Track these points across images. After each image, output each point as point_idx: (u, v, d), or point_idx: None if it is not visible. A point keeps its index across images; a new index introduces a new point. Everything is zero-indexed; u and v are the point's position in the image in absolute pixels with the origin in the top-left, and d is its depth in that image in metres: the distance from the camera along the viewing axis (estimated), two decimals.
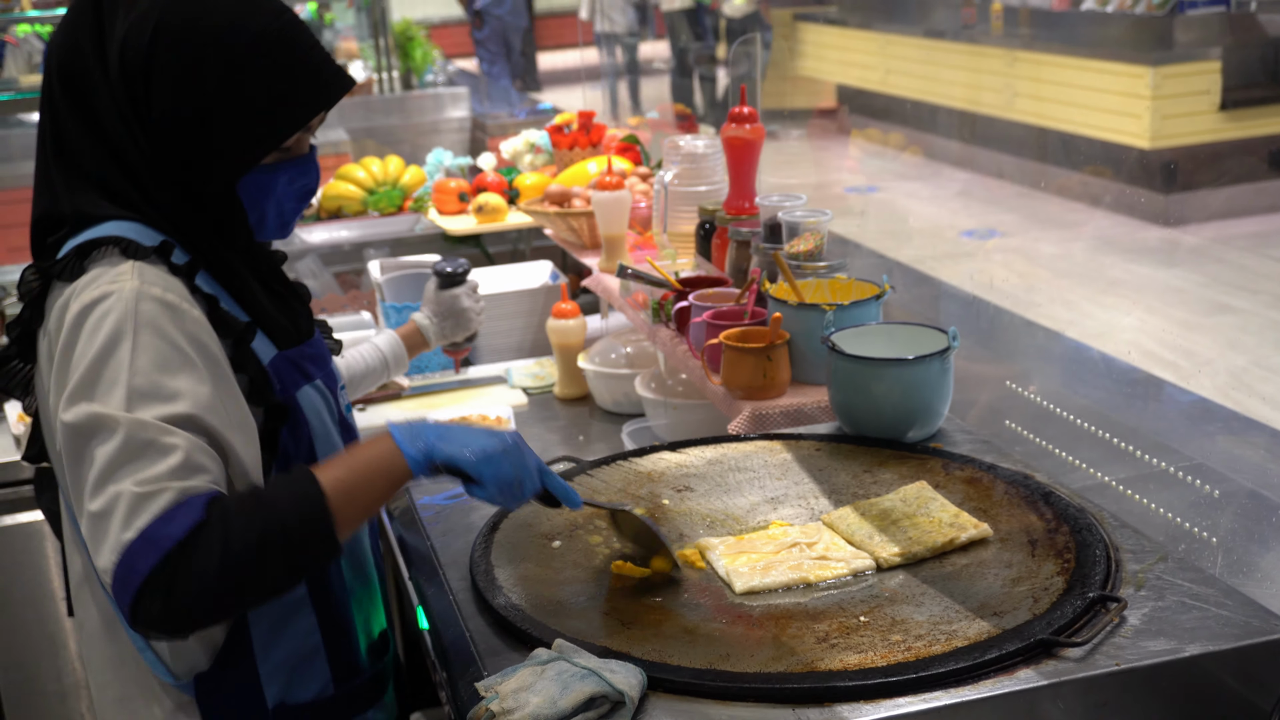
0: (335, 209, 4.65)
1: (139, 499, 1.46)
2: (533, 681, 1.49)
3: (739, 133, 2.84)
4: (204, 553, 1.45)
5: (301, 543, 1.51)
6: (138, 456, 1.48)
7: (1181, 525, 2.08)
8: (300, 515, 1.52)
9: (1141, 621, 1.57)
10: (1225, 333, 5.99)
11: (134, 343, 1.52)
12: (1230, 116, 8.31)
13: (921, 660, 1.50)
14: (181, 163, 1.63)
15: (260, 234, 1.73)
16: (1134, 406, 2.55)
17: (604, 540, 1.90)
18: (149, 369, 1.52)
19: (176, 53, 1.59)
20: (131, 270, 1.57)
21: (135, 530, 1.44)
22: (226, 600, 1.49)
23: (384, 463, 1.60)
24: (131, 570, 1.44)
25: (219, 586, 1.46)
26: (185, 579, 1.44)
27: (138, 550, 1.44)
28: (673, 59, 12.61)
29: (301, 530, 1.51)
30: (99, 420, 1.49)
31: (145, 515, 1.45)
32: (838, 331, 2.24)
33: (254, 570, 1.48)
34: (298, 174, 1.70)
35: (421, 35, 7.52)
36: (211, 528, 1.47)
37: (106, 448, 1.48)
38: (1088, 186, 8.12)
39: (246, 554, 1.47)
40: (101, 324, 1.53)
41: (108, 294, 1.55)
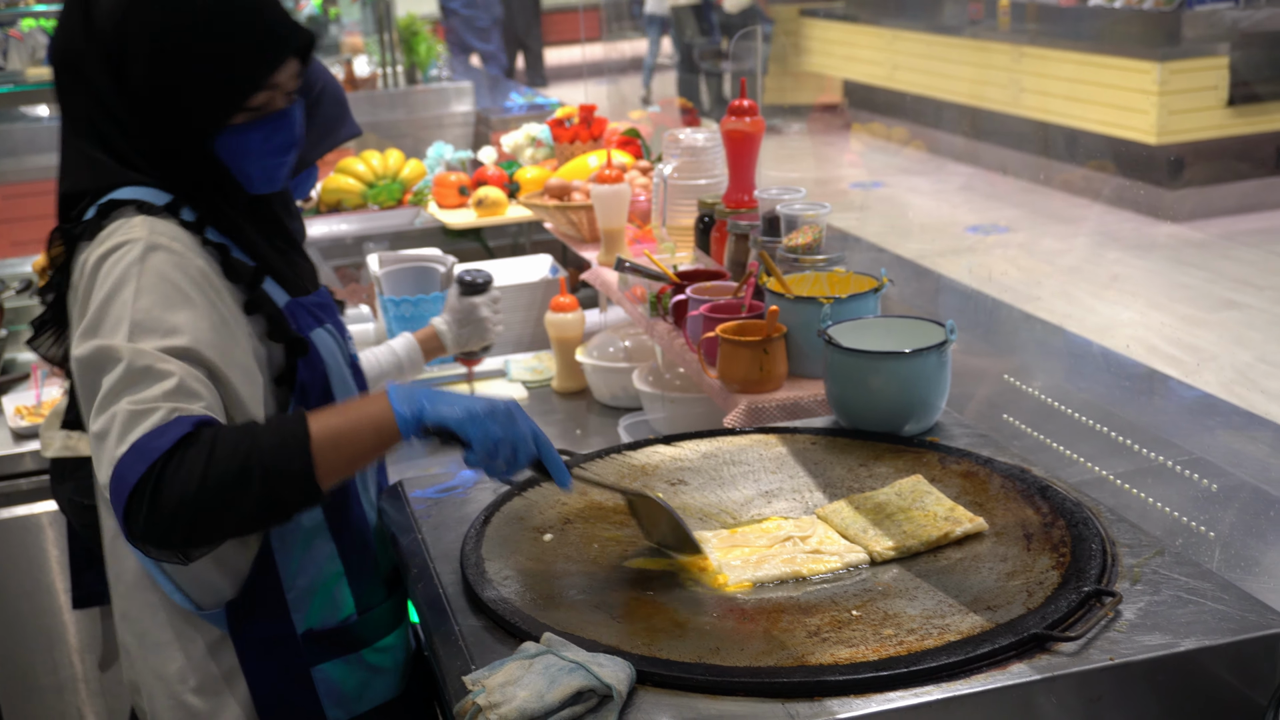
0: (335, 202, 4.64)
1: (132, 416, 1.54)
2: (520, 675, 1.48)
3: (738, 126, 2.83)
4: (188, 468, 1.51)
5: (280, 477, 1.56)
6: (136, 381, 1.57)
7: (1180, 520, 2.06)
8: (283, 451, 1.57)
9: (1137, 616, 1.56)
10: (1230, 328, 5.97)
11: (138, 284, 1.63)
12: (1237, 112, 8.28)
13: (913, 654, 1.49)
14: (161, 128, 1.73)
15: (251, 188, 1.81)
16: (1135, 401, 2.53)
17: (596, 534, 1.88)
18: (150, 306, 1.62)
19: (144, 21, 1.69)
20: (143, 223, 1.68)
21: (127, 444, 1.53)
22: (204, 519, 1.54)
23: (375, 419, 1.64)
24: (122, 481, 1.51)
25: (196, 503, 1.52)
26: (168, 490, 1.51)
27: (128, 462, 1.52)
28: (677, 54, 12.59)
29: (281, 465, 1.56)
30: (103, 352, 1.59)
31: (137, 430, 1.53)
32: (835, 325, 2.22)
33: (231, 494, 1.53)
34: (272, 130, 1.77)
35: (426, 30, 7.50)
36: (198, 446, 1.53)
37: (110, 376, 1.58)
38: (1093, 182, 8.10)
39: (225, 477, 1.53)
40: (113, 269, 1.64)
41: (121, 244, 1.66)
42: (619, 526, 1.90)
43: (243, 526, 1.64)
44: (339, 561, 1.89)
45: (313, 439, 1.58)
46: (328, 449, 1.59)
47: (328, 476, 1.59)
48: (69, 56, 1.75)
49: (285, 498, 1.59)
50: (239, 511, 1.56)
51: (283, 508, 1.61)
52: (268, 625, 1.82)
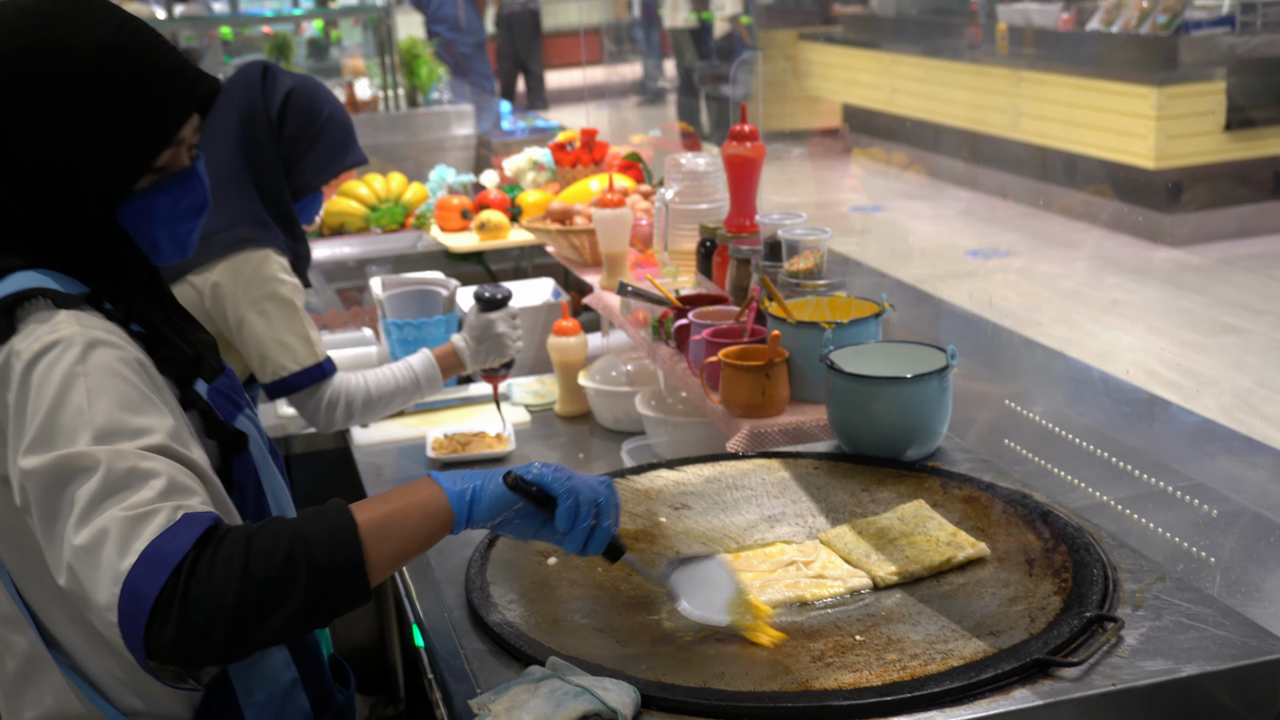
0: (338, 225, 4.66)
1: (131, 522, 1.37)
2: (526, 699, 1.48)
3: (740, 151, 2.84)
4: (220, 569, 1.35)
5: (328, 573, 1.40)
6: (121, 486, 1.39)
7: (1181, 545, 2.07)
8: (331, 543, 1.41)
9: (1138, 641, 1.56)
10: (1229, 353, 5.99)
11: (88, 385, 1.44)
12: (1235, 137, 8.31)
13: (917, 680, 1.50)
14: (55, 203, 1.53)
15: (156, 258, 1.63)
16: (1135, 427, 2.55)
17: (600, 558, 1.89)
18: (110, 407, 1.44)
19: (18, 87, 1.48)
20: (69, 318, 1.49)
21: (134, 554, 1.35)
22: (243, 626, 1.37)
23: (424, 502, 1.50)
24: (137, 595, 1.34)
25: (236, 609, 1.35)
26: (200, 596, 1.34)
27: (140, 573, 1.34)
28: (678, 78, 12.64)
29: (329, 560, 1.40)
30: (70, 460, 1.40)
31: (143, 537, 1.36)
32: (836, 350, 2.24)
33: (274, 597, 1.37)
34: (181, 192, 1.59)
35: (427, 53, 7.54)
36: (229, 544, 1.37)
37: (85, 487, 1.39)
38: (1091, 206, 8.13)
39: (267, 577, 1.37)
40: (51, 373, 1.45)
41: (52, 343, 1.46)
42: None
43: (283, 632, 1.41)
44: (294, 668, 1.71)
45: (360, 529, 1.43)
46: (376, 539, 1.44)
47: (378, 569, 1.45)
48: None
49: (334, 596, 1.41)
50: (281, 616, 1.38)
51: (329, 608, 1.42)
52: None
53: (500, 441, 3.00)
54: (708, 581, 1.71)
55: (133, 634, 1.35)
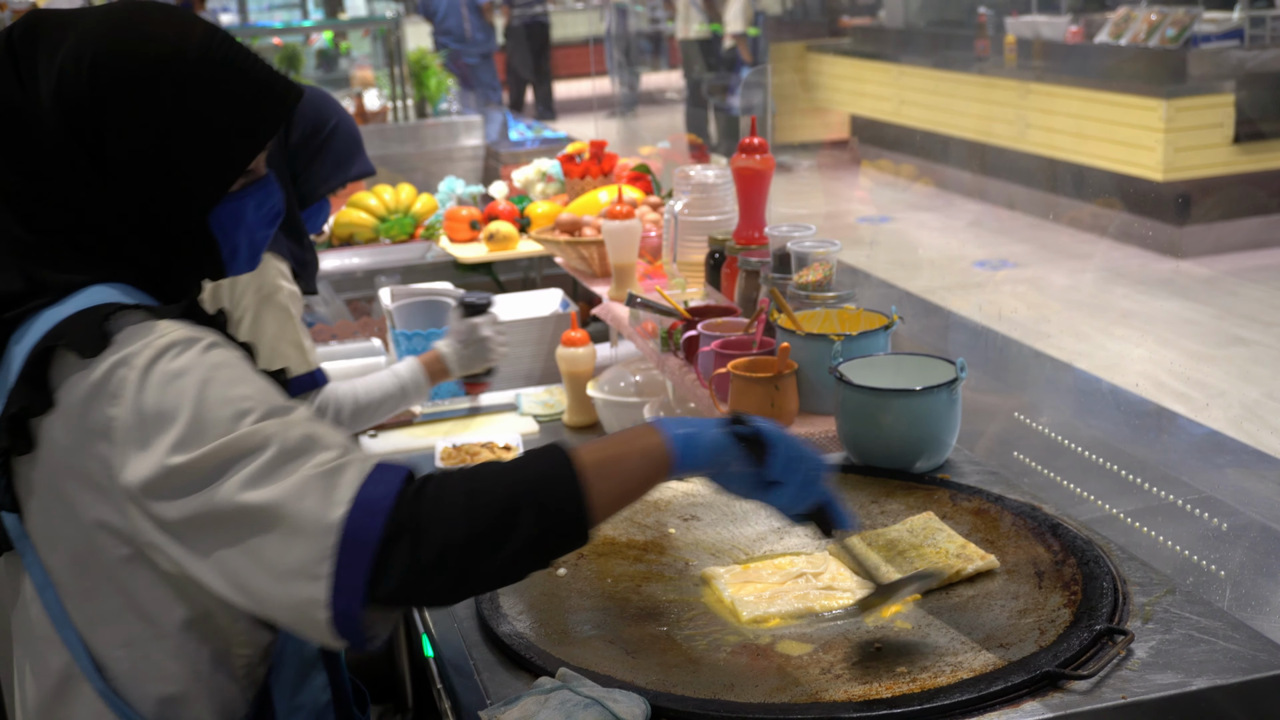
0: (347, 236, 4.67)
1: (325, 476, 1.35)
2: (536, 710, 1.49)
3: (749, 163, 2.85)
4: (447, 509, 1.35)
5: (551, 512, 1.39)
6: (300, 452, 1.37)
7: (1190, 558, 2.07)
8: (552, 482, 1.40)
9: (1148, 654, 1.57)
10: (1238, 365, 5.98)
11: (224, 375, 1.42)
12: (1243, 149, 8.31)
13: (927, 692, 1.50)
14: (147, 203, 1.50)
15: (232, 268, 1.61)
16: (1144, 439, 2.55)
17: (610, 569, 1.89)
18: (256, 392, 1.42)
19: (124, 87, 1.46)
20: (173, 325, 1.46)
21: (343, 503, 1.33)
22: (473, 559, 1.36)
23: (644, 445, 1.49)
24: (357, 542, 1.32)
25: (468, 541, 1.35)
26: (430, 535, 1.34)
27: (357, 519, 1.33)
28: (686, 89, 12.66)
29: (552, 498, 1.40)
30: (237, 442, 1.37)
31: (344, 487, 1.34)
32: (846, 362, 2.24)
33: (505, 525, 1.37)
34: (264, 197, 1.59)
35: (436, 64, 7.56)
36: (449, 481, 1.37)
37: (261, 459, 1.36)
38: (1100, 218, 8.13)
39: (495, 507, 1.37)
40: (178, 371, 1.40)
41: (168, 345, 1.42)
42: (632, 562, 1.91)
43: (505, 570, 1.41)
44: (329, 690, 1.70)
45: (582, 467, 1.42)
46: (596, 478, 1.42)
47: (599, 508, 1.43)
48: (4, 125, 1.47)
49: (556, 533, 1.41)
50: (507, 551, 1.38)
51: (553, 545, 1.42)
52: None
53: (509, 452, 3.00)
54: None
55: (352, 582, 1.33)
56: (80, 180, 1.47)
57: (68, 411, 1.42)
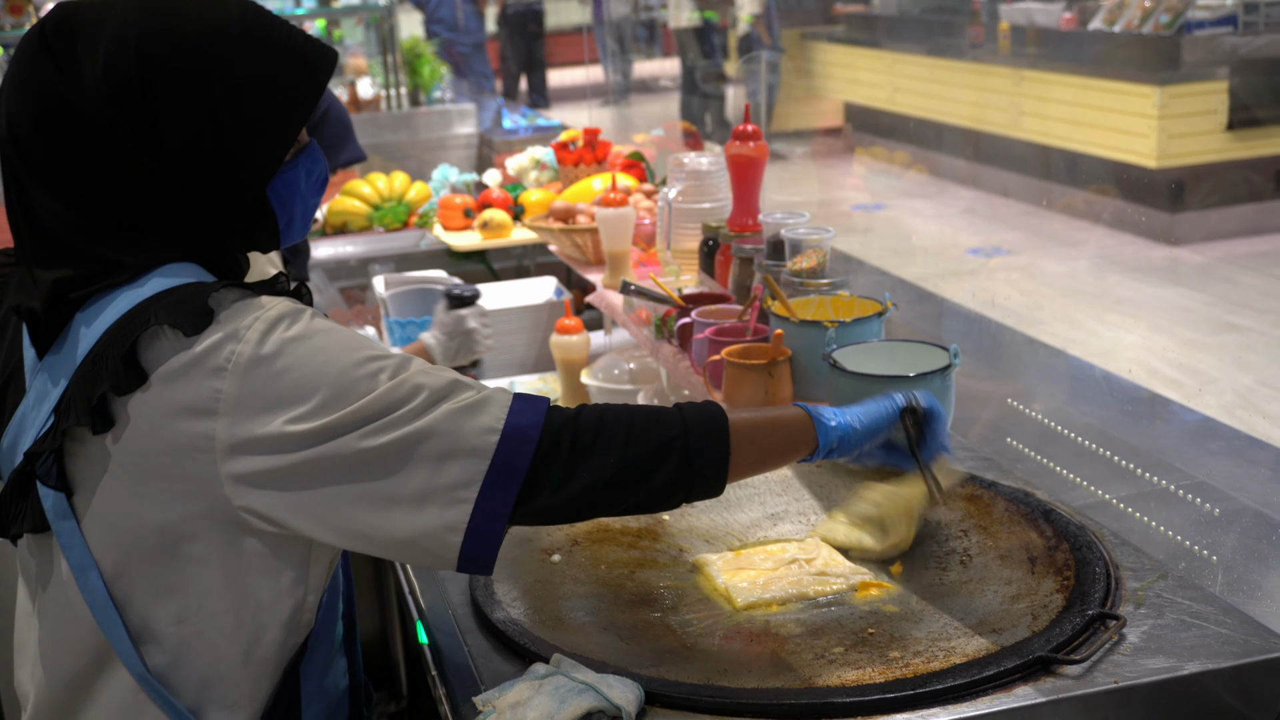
0: (341, 224, 4.67)
1: (472, 409, 1.42)
2: (530, 696, 1.49)
3: (743, 150, 2.85)
4: (609, 431, 1.44)
5: (701, 455, 1.49)
6: (447, 394, 1.43)
7: (1183, 544, 2.07)
8: (706, 430, 1.50)
9: (1141, 639, 1.57)
10: (1231, 352, 5.99)
11: (342, 340, 1.45)
12: (1237, 136, 8.32)
13: (919, 677, 1.50)
14: (208, 181, 1.49)
15: (288, 237, 1.61)
16: (1137, 425, 2.55)
17: (603, 555, 1.90)
18: (374, 349, 1.45)
19: (172, 69, 1.46)
20: (271, 299, 1.47)
21: (493, 432, 1.41)
22: (619, 487, 1.46)
23: (790, 419, 1.61)
24: (510, 467, 1.41)
25: (619, 469, 1.44)
26: (595, 443, 1.44)
27: (508, 448, 1.41)
28: (680, 76, 12.65)
29: (703, 441, 1.49)
30: (378, 401, 1.41)
31: (489, 417, 1.42)
32: (839, 348, 2.24)
33: (654, 461, 1.46)
34: (313, 164, 1.61)
35: (429, 53, 7.54)
36: (603, 412, 1.46)
37: (414, 404, 1.41)
38: (1093, 205, 8.13)
39: (649, 444, 1.46)
40: (298, 341, 1.43)
41: (278, 318, 1.44)
42: (626, 549, 1.92)
43: (643, 503, 1.50)
44: (347, 676, 1.73)
45: (732, 427, 1.52)
46: (744, 441, 1.53)
47: (738, 469, 1.54)
48: (44, 116, 1.46)
49: (696, 481, 1.50)
50: (649, 486, 1.47)
51: (687, 491, 1.51)
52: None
53: None
54: None
55: (498, 506, 1.41)
56: (134, 165, 1.46)
57: (162, 388, 1.41)
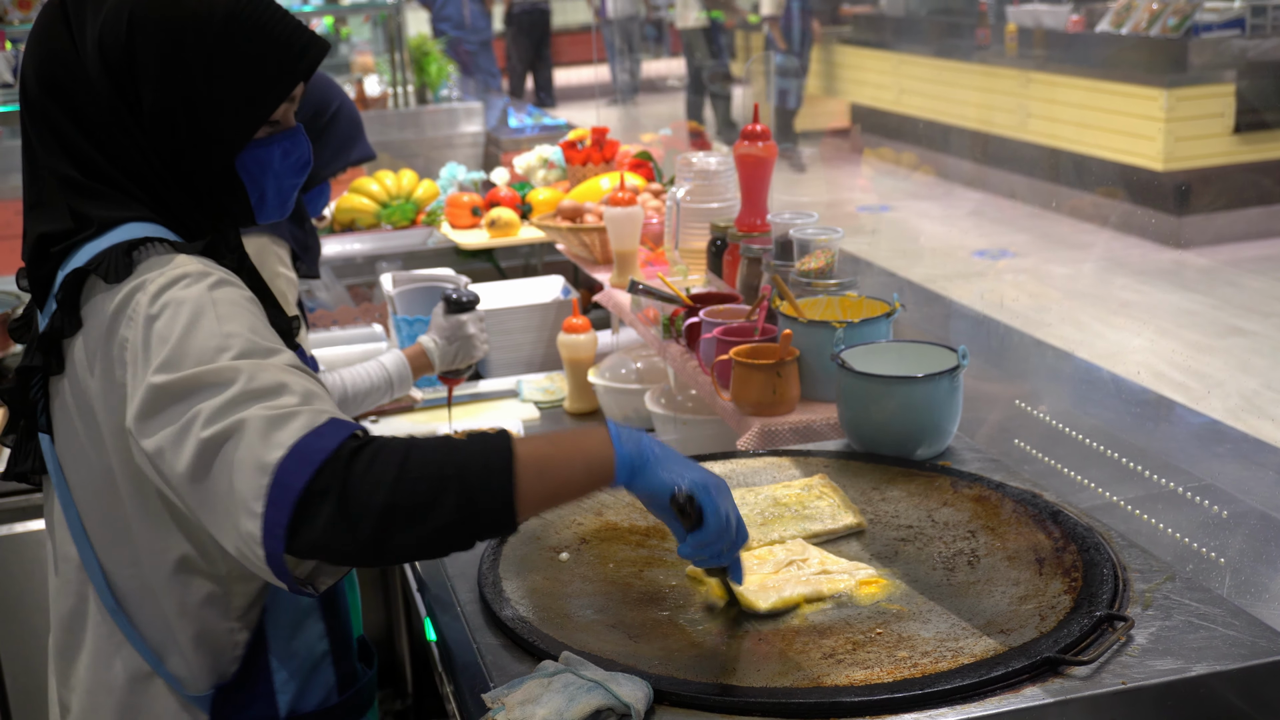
0: (348, 222, 4.67)
1: (271, 421, 1.39)
2: (540, 693, 1.49)
3: (752, 150, 2.85)
4: (378, 472, 1.38)
5: (480, 496, 1.42)
6: (262, 395, 1.42)
7: (1190, 546, 2.08)
8: (486, 468, 1.42)
9: (1148, 641, 1.57)
10: (1237, 355, 5.98)
11: (219, 312, 1.49)
12: (1244, 139, 8.31)
13: (928, 677, 1.51)
14: (177, 149, 1.61)
15: (261, 214, 1.70)
16: (1144, 427, 2.55)
17: (612, 554, 1.90)
18: (245, 331, 1.49)
19: (156, 42, 1.58)
20: (190, 260, 1.56)
21: (282, 447, 1.38)
22: (392, 527, 1.39)
23: (589, 453, 1.51)
24: (286, 486, 1.36)
25: (389, 508, 1.37)
26: (357, 489, 1.37)
27: (289, 466, 1.37)
28: (687, 76, 12.65)
29: (484, 481, 1.42)
30: (210, 374, 1.44)
31: (289, 432, 1.39)
32: (848, 349, 2.25)
33: (427, 501, 1.39)
34: (291, 146, 1.70)
35: (437, 50, 7.55)
36: (386, 447, 1.40)
37: (226, 393, 1.42)
38: (1100, 208, 8.13)
39: (422, 482, 1.39)
40: (181, 300, 1.49)
41: (180, 276, 1.52)
42: (634, 547, 1.92)
43: (426, 545, 1.43)
44: (326, 640, 1.76)
45: (518, 461, 1.43)
46: (533, 476, 1.44)
47: (527, 506, 1.45)
48: (53, 80, 1.61)
49: (479, 521, 1.44)
50: (428, 527, 1.40)
51: (472, 532, 1.45)
52: (253, 709, 1.68)
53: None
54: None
55: (276, 525, 1.37)
56: (121, 127, 1.60)
57: (92, 334, 1.55)
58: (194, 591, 1.63)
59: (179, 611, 1.63)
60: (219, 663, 1.67)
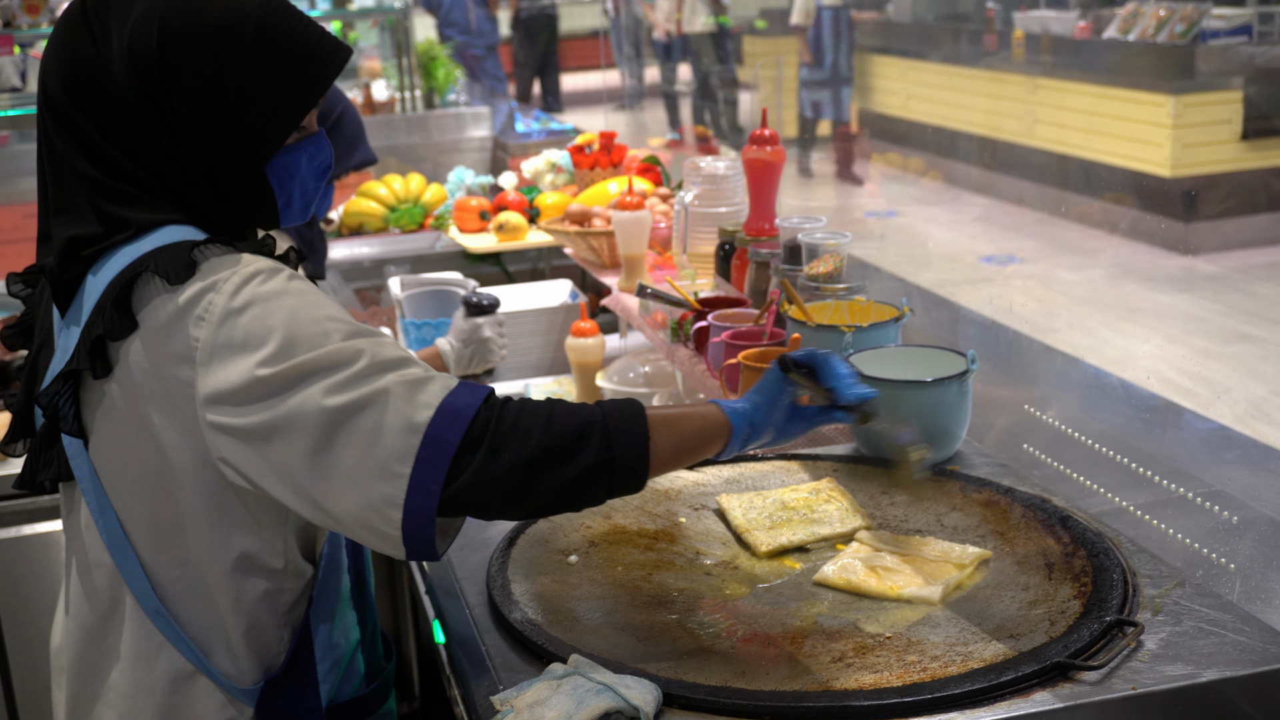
0: (357, 226, 4.68)
1: (414, 384, 1.47)
2: (548, 696, 1.49)
3: (760, 155, 2.85)
4: (529, 417, 1.48)
5: (620, 439, 1.52)
6: (390, 366, 1.48)
7: (1199, 551, 2.07)
8: (623, 414, 1.53)
9: (1158, 646, 1.57)
10: (1245, 361, 5.98)
11: (309, 300, 1.53)
12: (1251, 146, 8.31)
13: (937, 681, 1.50)
14: (211, 156, 1.61)
15: (287, 218, 1.72)
16: (1153, 433, 2.55)
17: (620, 557, 1.90)
18: (339, 314, 1.53)
19: (189, 52, 1.58)
20: (253, 256, 1.58)
21: (430, 408, 1.45)
22: (537, 473, 1.48)
23: (702, 411, 1.64)
24: (439, 442, 1.44)
25: (539, 453, 1.47)
26: (506, 447, 1.46)
27: (440, 423, 1.45)
28: (694, 81, 12.66)
29: (622, 426, 1.52)
30: (321, 359, 1.48)
31: (431, 393, 1.46)
32: (856, 353, 2.24)
33: (573, 444, 1.49)
34: (316, 151, 1.72)
35: (444, 55, 7.56)
36: (530, 402, 1.50)
37: (354, 368, 1.47)
38: (1108, 214, 8.12)
39: (569, 427, 1.49)
40: (269, 296, 1.52)
41: (255, 273, 1.54)
42: (643, 550, 1.92)
43: (563, 492, 1.52)
44: (358, 629, 1.82)
45: (649, 415, 1.55)
46: (661, 426, 1.56)
47: (660, 456, 1.56)
48: (76, 86, 1.59)
49: (618, 466, 1.53)
50: (570, 470, 1.49)
51: (610, 479, 1.53)
52: (299, 701, 1.71)
53: None
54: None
55: (429, 482, 1.45)
56: (150, 134, 1.59)
57: (151, 335, 1.53)
58: (250, 588, 1.63)
59: (233, 609, 1.63)
60: (266, 656, 1.69)
